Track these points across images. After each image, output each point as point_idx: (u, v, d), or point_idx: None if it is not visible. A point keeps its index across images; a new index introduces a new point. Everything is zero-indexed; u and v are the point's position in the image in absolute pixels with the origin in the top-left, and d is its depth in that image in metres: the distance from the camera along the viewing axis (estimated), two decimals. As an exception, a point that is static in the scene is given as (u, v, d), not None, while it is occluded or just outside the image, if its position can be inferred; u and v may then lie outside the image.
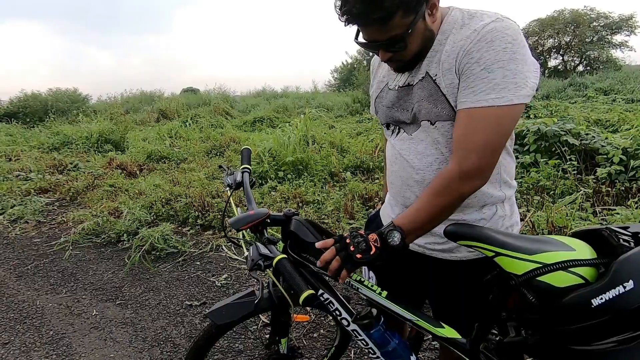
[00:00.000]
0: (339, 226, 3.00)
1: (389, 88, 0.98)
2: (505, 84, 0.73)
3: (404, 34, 0.77)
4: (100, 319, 2.17)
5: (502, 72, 0.73)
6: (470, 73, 0.76)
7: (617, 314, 0.58)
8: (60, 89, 13.47)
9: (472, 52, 0.76)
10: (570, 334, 0.62)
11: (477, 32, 0.76)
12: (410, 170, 0.95)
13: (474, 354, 0.84)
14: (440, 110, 0.84)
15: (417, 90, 0.89)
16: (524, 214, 3.01)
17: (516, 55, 0.74)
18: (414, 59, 0.85)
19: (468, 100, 0.77)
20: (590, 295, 0.59)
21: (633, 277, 0.58)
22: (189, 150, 6.30)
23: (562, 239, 0.68)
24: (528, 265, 0.65)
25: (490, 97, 0.74)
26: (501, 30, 0.74)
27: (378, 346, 1.00)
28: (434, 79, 0.84)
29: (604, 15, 20.54)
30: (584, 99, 11.17)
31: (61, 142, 7.02)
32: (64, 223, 3.59)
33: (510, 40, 0.74)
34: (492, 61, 0.74)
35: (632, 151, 3.61)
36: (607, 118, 6.34)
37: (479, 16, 0.80)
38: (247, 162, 1.28)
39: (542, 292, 0.64)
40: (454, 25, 0.82)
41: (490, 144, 0.77)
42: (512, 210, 0.97)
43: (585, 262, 0.64)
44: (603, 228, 0.69)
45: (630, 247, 0.63)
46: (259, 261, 0.88)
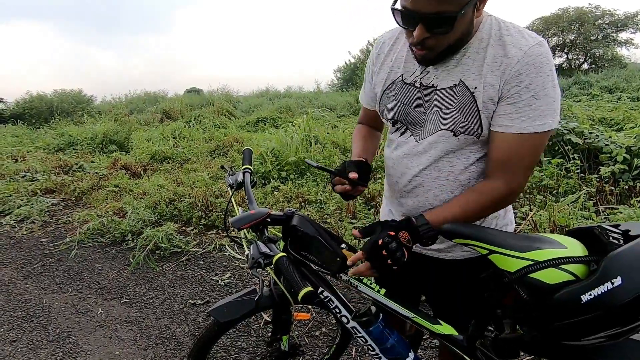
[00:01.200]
0: (342, 226, 3.02)
1: (404, 82, 0.91)
2: (548, 111, 0.77)
3: (456, 12, 0.70)
4: (105, 317, 2.20)
5: (546, 99, 0.76)
6: (519, 98, 0.77)
7: (606, 309, 0.59)
8: (65, 90, 13.59)
9: (522, 75, 0.76)
10: (561, 330, 0.64)
11: (525, 54, 0.76)
12: (411, 178, 0.94)
13: (470, 351, 0.86)
14: (470, 123, 0.83)
15: (444, 96, 0.85)
16: (526, 213, 3.01)
17: (555, 82, 0.77)
18: (443, 53, 0.80)
19: (515, 126, 0.78)
20: (580, 291, 0.61)
21: (621, 273, 0.59)
22: (193, 151, 6.34)
23: (555, 237, 0.70)
24: (520, 262, 0.66)
25: (536, 124, 0.77)
26: (546, 55, 0.76)
27: (377, 343, 1.02)
28: (472, 92, 0.81)
29: (609, 13, 20.33)
30: (589, 98, 11.09)
31: (66, 143, 7.10)
32: (70, 223, 3.64)
33: (551, 67, 0.76)
34: (540, 88, 0.75)
35: (637, 150, 3.59)
36: (612, 116, 6.31)
37: (519, 33, 0.79)
38: (248, 163, 1.30)
39: (534, 289, 0.65)
40: (490, 35, 0.80)
41: (531, 165, 0.83)
42: (505, 209, 0.98)
43: (576, 260, 0.65)
44: (595, 226, 0.71)
45: (619, 245, 0.64)
46: (260, 259, 0.90)
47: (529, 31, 0.80)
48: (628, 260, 0.61)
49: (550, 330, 0.65)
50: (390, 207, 1.09)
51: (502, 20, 0.82)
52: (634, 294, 0.58)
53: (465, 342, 0.87)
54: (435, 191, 0.93)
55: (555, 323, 0.63)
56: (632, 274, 0.59)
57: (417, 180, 0.94)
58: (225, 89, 15.49)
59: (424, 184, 0.94)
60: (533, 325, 0.68)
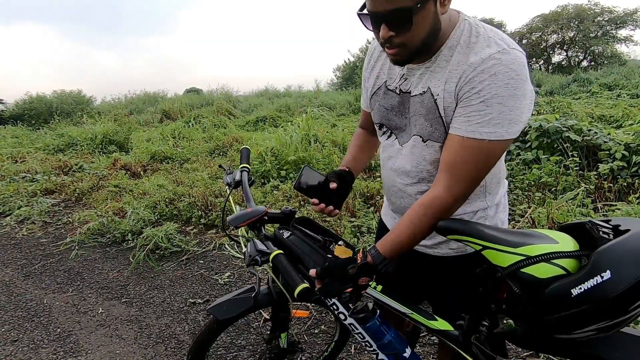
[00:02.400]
0: (340, 224, 3.03)
1: (387, 88, 0.94)
2: (500, 120, 0.74)
3: (412, 7, 0.70)
4: (106, 317, 2.21)
5: (499, 107, 0.73)
6: (468, 102, 0.76)
7: (596, 302, 0.60)
8: (65, 90, 13.60)
9: (474, 81, 0.75)
10: (552, 323, 0.65)
11: (482, 61, 0.74)
12: (397, 179, 0.99)
13: (466, 345, 0.87)
14: (434, 130, 0.85)
15: (415, 102, 0.87)
16: (524, 210, 3.02)
17: (516, 92, 0.73)
18: (415, 51, 0.79)
19: (462, 129, 0.78)
20: (570, 285, 0.62)
21: (610, 267, 0.60)
22: (192, 151, 6.35)
23: (547, 232, 0.71)
24: (513, 257, 0.67)
25: (484, 131, 0.75)
26: (506, 64, 0.73)
27: (374, 339, 1.03)
28: (435, 99, 0.82)
29: (608, 10, 20.31)
30: (588, 95, 11.08)
31: (66, 144, 7.10)
32: (70, 223, 3.65)
33: (513, 76, 0.73)
34: (491, 95, 0.73)
35: (635, 147, 3.60)
36: (611, 114, 6.30)
37: (486, 40, 0.77)
38: (246, 161, 1.31)
39: (526, 283, 0.66)
40: (459, 42, 0.79)
41: (478, 174, 0.80)
42: (496, 211, 0.99)
43: (567, 254, 0.66)
44: (586, 222, 0.71)
45: (609, 239, 0.65)
46: (257, 257, 0.91)
47: (502, 38, 0.78)
48: (617, 254, 0.62)
49: (542, 324, 0.66)
50: (387, 202, 1.14)
51: (477, 25, 0.81)
52: (622, 287, 0.59)
53: (460, 337, 0.88)
54: (417, 196, 0.96)
55: (547, 317, 0.64)
56: (621, 268, 0.60)
57: (400, 184, 0.99)
58: (224, 88, 15.51)
59: (407, 188, 0.98)
60: (525, 319, 0.69)
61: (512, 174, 3.77)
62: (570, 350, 0.71)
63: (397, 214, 1.09)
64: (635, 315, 0.62)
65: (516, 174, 3.77)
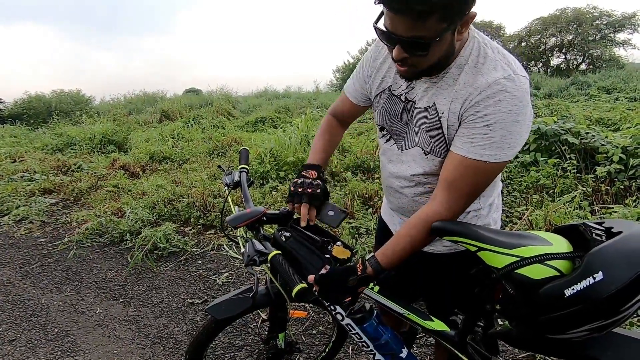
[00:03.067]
0: (340, 225, 3.03)
1: (392, 93, 0.95)
2: (501, 144, 0.77)
3: (430, 39, 0.71)
4: (104, 317, 2.21)
5: (502, 132, 0.76)
6: (472, 125, 0.79)
7: (588, 303, 0.61)
8: (64, 90, 13.59)
9: (479, 105, 0.77)
10: (546, 324, 0.65)
11: (489, 85, 0.76)
12: (395, 181, 1.02)
13: (462, 346, 0.88)
14: (436, 145, 0.88)
15: (419, 114, 0.88)
16: (522, 212, 3.04)
17: (519, 117, 0.76)
18: (425, 71, 0.82)
19: (464, 149, 0.80)
20: (563, 286, 0.63)
21: (602, 268, 0.61)
22: (191, 151, 6.35)
23: (542, 234, 0.72)
24: (508, 259, 0.68)
25: (485, 153, 0.78)
26: (511, 91, 0.75)
27: (371, 339, 1.04)
28: (440, 117, 0.84)
29: (606, 14, 20.41)
30: (587, 98, 11.13)
31: (65, 143, 7.10)
32: (68, 223, 3.65)
33: (516, 103, 0.75)
34: (495, 120, 0.76)
35: (632, 150, 3.62)
36: (609, 117, 6.33)
37: (493, 63, 0.79)
38: (245, 162, 1.32)
39: (520, 284, 0.67)
40: (468, 61, 0.81)
41: (475, 192, 0.84)
42: (489, 210, 1.01)
43: (561, 256, 0.67)
44: (580, 223, 0.72)
45: (602, 241, 0.66)
46: (255, 257, 0.91)
47: (509, 62, 0.79)
48: (609, 256, 0.63)
49: (536, 324, 0.67)
50: (386, 200, 1.17)
51: (485, 44, 0.82)
52: (614, 288, 0.60)
53: (456, 337, 0.89)
54: (415, 199, 1.00)
55: (541, 317, 0.65)
56: (613, 269, 0.61)
57: (398, 186, 1.01)
58: (224, 89, 15.51)
59: (404, 190, 1.01)
60: (520, 319, 0.70)
61: (510, 176, 3.79)
62: (564, 350, 0.72)
63: (395, 212, 1.12)
64: (627, 315, 0.63)
65: (514, 176, 3.78)
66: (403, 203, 1.04)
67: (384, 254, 0.87)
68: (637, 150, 3.57)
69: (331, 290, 0.86)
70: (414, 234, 0.84)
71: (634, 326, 1.74)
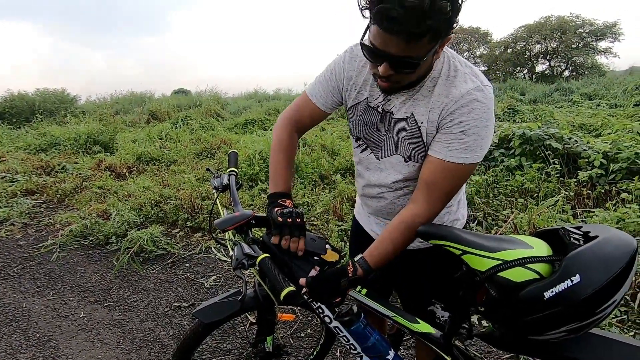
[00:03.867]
0: (328, 228, 3.04)
1: (369, 105, 0.98)
2: (474, 147, 0.85)
3: (420, 59, 0.75)
4: (87, 321, 2.17)
5: (474, 137, 0.85)
6: (449, 131, 0.86)
7: (566, 305, 0.64)
8: (48, 89, 13.27)
9: (455, 114, 0.85)
10: (527, 325, 0.68)
11: (462, 96, 0.84)
12: (374, 188, 1.06)
13: (447, 347, 0.89)
14: (417, 152, 0.94)
15: (398, 125, 0.94)
16: (507, 215, 3.10)
17: (487, 123, 0.85)
18: (406, 87, 0.88)
19: (442, 153, 0.87)
20: (543, 288, 0.65)
21: (580, 271, 0.64)
22: (180, 152, 6.28)
23: (523, 238, 0.74)
24: (490, 262, 0.70)
25: (462, 156, 0.86)
26: (481, 100, 0.84)
27: (358, 342, 1.05)
28: (419, 126, 0.91)
29: (589, 22, 21.04)
30: (570, 104, 11.43)
31: (48, 143, 6.94)
32: (51, 225, 3.56)
33: (486, 110, 0.84)
34: (469, 126, 0.84)
35: (612, 155, 3.73)
36: (591, 122, 6.52)
37: (463, 76, 0.87)
38: (234, 165, 1.31)
39: (502, 287, 0.69)
40: (440, 74, 0.88)
41: (453, 191, 0.90)
42: (458, 207, 1.09)
43: (541, 259, 0.69)
44: (559, 228, 0.75)
45: (579, 245, 0.69)
46: (243, 260, 0.92)
47: (475, 74, 0.88)
48: (586, 259, 0.65)
49: (517, 326, 0.69)
50: (362, 203, 1.20)
51: (454, 58, 0.90)
52: (591, 291, 0.63)
53: (442, 339, 0.90)
54: (394, 201, 1.05)
55: (521, 319, 0.67)
56: (590, 272, 0.64)
57: (377, 192, 1.06)
58: (213, 90, 15.39)
59: (385, 195, 1.05)
60: (502, 321, 0.72)
61: (496, 180, 3.86)
62: (544, 351, 0.74)
63: (372, 216, 1.16)
64: (603, 317, 0.65)
65: (500, 180, 3.86)
66: (381, 206, 1.09)
67: (371, 254, 0.90)
68: (617, 156, 3.68)
69: (323, 292, 0.87)
70: (397, 236, 0.88)
71: (612, 327, 1.80)
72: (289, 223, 0.89)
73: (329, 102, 1.07)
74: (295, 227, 0.90)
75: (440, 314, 0.92)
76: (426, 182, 0.89)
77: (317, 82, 1.07)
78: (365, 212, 1.19)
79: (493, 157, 4.40)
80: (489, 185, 3.72)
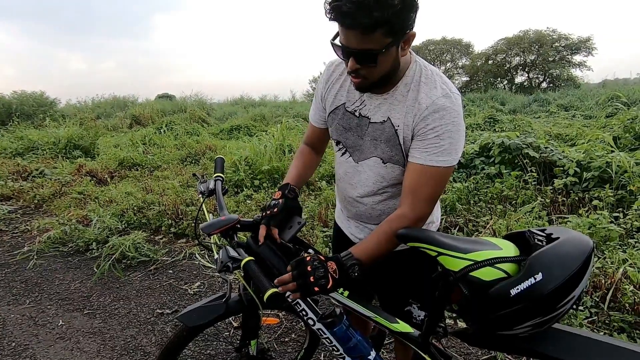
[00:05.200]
0: (313, 234, 3.07)
1: (346, 109, 1.05)
2: (450, 150, 0.91)
3: (378, 51, 0.83)
4: (66, 329, 2.12)
5: (449, 140, 0.90)
6: (425, 137, 0.92)
7: (530, 301, 0.69)
8: (26, 91, 12.91)
9: (428, 120, 0.91)
10: (496, 321, 0.72)
11: (432, 102, 0.91)
12: (353, 191, 1.10)
13: (425, 346, 0.93)
14: (394, 154, 0.99)
15: (375, 129, 0.99)
16: (487, 221, 3.20)
17: (459, 127, 0.92)
18: (377, 83, 0.92)
19: (422, 158, 0.92)
20: (509, 286, 0.70)
21: (542, 270, 0.69)
22: (163, 158, 6.21)
23: (493, 240, 0.79)
24: (463, 262, 0.75)
25: (439, 159, 0.91)
26: (450, 106, 0.90)
27: (341, 343, 1.07)
28: (396, 129, 0.96)
29: (564, 37, 22.00)
30: (547, 114, 11.87)
31: (26, 147, 6.75)
32: (28, 232, 3.46)
33: (456, 115, 0.91)
34: (443, 131, 0.90)
35: (585, 164, 3.91)
36: (566, 133, 6.79)
37: (433, 82, 0.93)
38: (220, 171, 1.33)
39: (474, 286, 0.74)
40: (413, 80, 0.95)
41: (435, 195, 0.95)
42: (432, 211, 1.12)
43: (508, 259, 0.75)
44: (526, 230, 0.81)
45: (542, 246, 0.75)
46: (228, 263, 0.93)
47: (444, 81, 0.94)
48: (548, 259, 0.71)
49: (487, 322, 0.73)
50: (341, 208, 1.24)
51: (425, 67, 0.96)
52: (552, 287, 0.68)
53: (420, 338, 0.94)
54: (374, 206, 1.09)
55: (491, 315, 0.72)
56: (551, 270, 0.69)
57: (356, 196, 1.10)
58: (198, 95, 15.29)
59: (363, 199, 1.09)
60: (474, 318, 0.77)
61: (477, 187, 3.98)
62: (514, 346, 0.79)
63: (351, 219, 1.20)
64: (563, 312, 0.71)
65: (480, 187, 3.97)
66: (361, 211, 1.13)
67: (356, 248, 0.93)
68: (589, 165, 3.86)
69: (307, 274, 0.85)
70: (382, 237, 0.92)
71: (583, 327, 1.88)
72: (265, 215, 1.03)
73: (320, 119, 1.16)
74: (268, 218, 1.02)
75: (417, 314, 0.96)
76: (410, 188, 0.93)
77: (311, 107, 1.19)
78: (345, 215, 1.23)
79: (474, 164, 4.53)
80: (470, 192, 3.83)
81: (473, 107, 13.11)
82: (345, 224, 1.24)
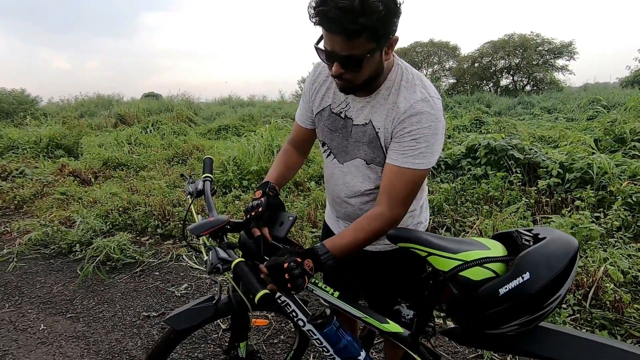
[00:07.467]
0: (302, 234, 3.06)
1: (332, 111, 1.07)
2: (426, 153, 0.93)
3: (362, 56, 0.84)
4: (48, 334, 2.06)
5: (426, 144, 0.92)
6: (402, 139, 0.94)
7: (518, 300, 0.71)
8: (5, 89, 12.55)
9: (405, 123, 0.93)
10: (484, 320, 0.74)
11: (411, 106, 0.93)
12: (340, 192, 1.12)
13: (414, 346, 0.94)
14: (376, 156, 1.01)
15: (358, 131, 1.02)
16: (473, 221, 3.25)
17: (436, 131, 0.93)
18: (360, 86, 0.94)
19: (398, 160, 0.94)
20: (498, 285, 0.72)
21: (529, 269, 0.71)
22: (150, 158, 6.10)
23: (481, 240, 0.80)
24: (452, 262, 0.76)
25: (415, 162, 0.93)
26: (427, 110, 0.92)
27: (331, 344, 1.07)
28: (377, 132, 0.98)
29: (547, 41, 22.55)
30: (531, 117, 12.13)
31: (5, 147, 6.54)
32: (8, 233, 3.36)
33: (433, 120, 0.92)
34: (420, 135, 0.92)
35: (568, 165, 4.01)
36: (550, 135, 6.96)
37: (413, 87, 0.95)
38: (209, 171, 1.32)
39: (463, 285, 0.75)
40: (394, 84, 0.97)
41: (411, 196, 0.97)
42: (421, 211, 1.17)
43: (497, 259, 0.76)
44: (513, 231, 0.82)
45: (529, 246, 0.76)
46: (218, 264, 0.92)
47: (424, 84, 0.96)
48: (535, 258, 0.73)
49: (476, 321, 0.75)
50: (331, 209, 1.26)
51: (406, 70, 0.98)
52: (539, 286, 0.70)
53: (409, 338, 0.95)
54: (361, 207, 1.11)
55: (479, 314, 0.73)
56: (538, 270, 0.71)
57: (344, 197, 1.12)
58: (185, 94, 15.09)
59: (350, 200, 1.11)
60: (462, 318, 0.78)
61: (463, 188, 4.03)
62: (501, 345, 0.80)
63: (340, 220, 1.22)
64: (549, 310, 0.72)
65: (467, 188, 4.03)
66: (349, 212, 1.14)
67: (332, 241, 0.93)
68: (572, 166, 3.96)
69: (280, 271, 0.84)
70: (359, 231, 0.93)
71: (567, 324, 1.93)
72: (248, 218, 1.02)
73: (306, 119, 1.17)
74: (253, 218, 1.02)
75: (406, 313, 0.97)
76: (387, 188, 0.95)
77: (298, 107, 1.19)
78: (334, 216, 1.24)
79: (461, 165, 4.60)
80: (457, 193, 3.88)
81: (460, 109, 13.32)
82: (335, 224, 1.26)
